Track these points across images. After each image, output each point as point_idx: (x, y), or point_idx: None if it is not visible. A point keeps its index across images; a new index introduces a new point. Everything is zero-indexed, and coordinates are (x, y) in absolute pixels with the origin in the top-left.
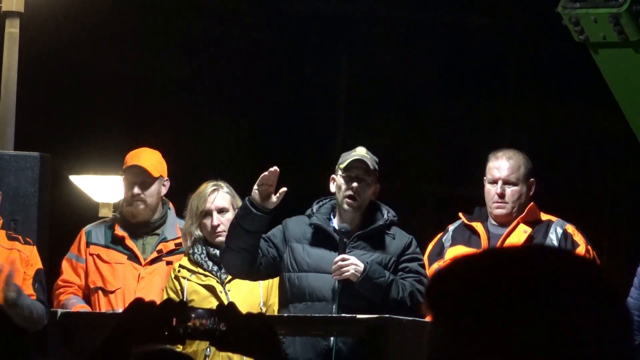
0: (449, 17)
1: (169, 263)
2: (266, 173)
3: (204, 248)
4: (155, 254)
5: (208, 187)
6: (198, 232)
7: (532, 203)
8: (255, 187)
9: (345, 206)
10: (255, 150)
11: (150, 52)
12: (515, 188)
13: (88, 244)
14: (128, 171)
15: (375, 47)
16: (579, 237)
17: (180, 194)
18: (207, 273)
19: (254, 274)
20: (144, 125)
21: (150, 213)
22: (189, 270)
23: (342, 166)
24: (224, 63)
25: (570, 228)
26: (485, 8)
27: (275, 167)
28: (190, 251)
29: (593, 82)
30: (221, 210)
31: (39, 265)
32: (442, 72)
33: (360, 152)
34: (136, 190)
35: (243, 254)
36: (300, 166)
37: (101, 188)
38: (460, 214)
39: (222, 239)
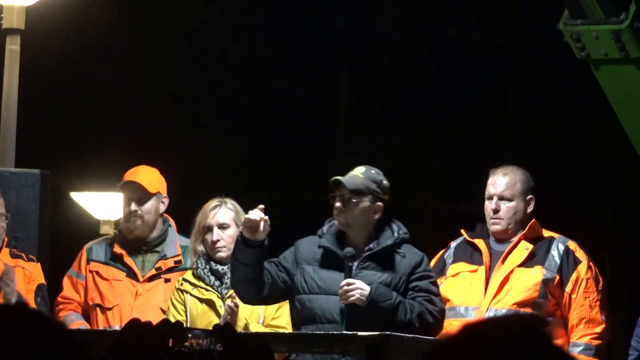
0: (449, 32)
1: (167, 280)
2: (250, 214)
3: (207, 263)
4: (153, 271)
5: (212, 203)
6: (201, 248)
7: (533, 220)
8: (243, 223)
9: (336, 223)
10: (256, 165)
11: (150, 68)
12: (510, 204)
13: (88, 261)
14: (125, 187)
15: (376, 62)
16: (580, 254)
17: (180, 210)
18: (208, 287)
19: (265, 299)
20: (145, 142)
21: (148, 229)
22: (191, 283)
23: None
24: (224, 79)
25: (572, 244)
26: (485, 24)
27: (261, 205)
28: (194, 266)
29: (593, 98)
30: (222, 226)
31: (42, 280)
32: (442, 88)
33: (354, 172)
34: (133, 206)
35: (248, 284)
36: (301, 180)
37: (102, 205)
38: (462, 231)
39: (222, 254)
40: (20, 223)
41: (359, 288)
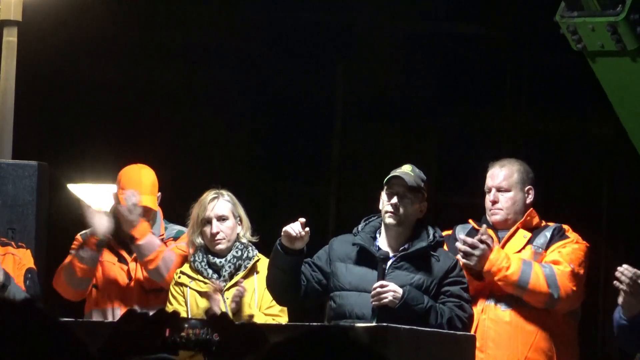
0: (446, 27)
1: None
2: (290, 229)
3: (204, 256)
4: None
5: (209, 195)
6: (199, 240)
7: (531, 209)
8: (282, 233)
9: (387, 220)
10: (251, 160)
11: (147, 62)
12: (508, 195)
13: None
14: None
15: (372, 57)
16: (572, 234)
17: (176, 203)
18: (206, 280)
19: (302, 301)
20: (141, 134)
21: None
22: (188, 276)
23: (384, 182)
24: (220, 74)
25: (566, 226)
26: (482, 18)
27: (302, 219)
28: (191, 259)
29: (591, 91)
30: (221, 218)
31: (31, 264)
32: (439, 82)
33: (404, 169)
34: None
35: (284, 288)
36: (297, 176)
37: (99, 197)
38: (470, 221)
39: (221, 246)
40: (17, 214)
41: (392, 291)
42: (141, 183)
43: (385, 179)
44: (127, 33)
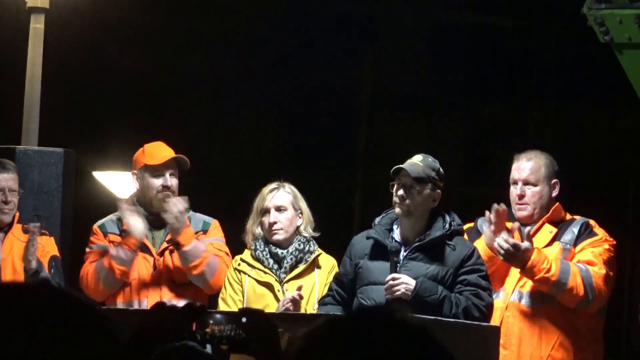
0: (473, 18)
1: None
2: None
3: (266, 245)
4: (165, 245)
5: (269, 186)
6: (259, 230)
7: (557, 203)
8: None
9: (396, 211)
10: (278, 150)
11: (173, 50)
12: (535, 189)
13: (105, 234)
14: (170, 162)
15: (399, 48)
16: (599, 230)
17: (203, 192)
18: (266, 270)
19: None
20: (167, 122)
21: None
22: (249, 264)
23: (391, 173)
24: (247, 63)
25: (592, 222)
26: (510, 9)
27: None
28: (253, 247)
29: (617, 84)
30: (279, 209)
31: (55, 252)
32: (465, 73)
33: (413, 159)
34: (169, 180)
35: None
36: (323, 166)
37: (124, 184)
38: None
39: (278, 237)
40: (43, 201)
41: (404, 283)
42: (164, 147)
43: (391, 171)
44: (154, 20)
